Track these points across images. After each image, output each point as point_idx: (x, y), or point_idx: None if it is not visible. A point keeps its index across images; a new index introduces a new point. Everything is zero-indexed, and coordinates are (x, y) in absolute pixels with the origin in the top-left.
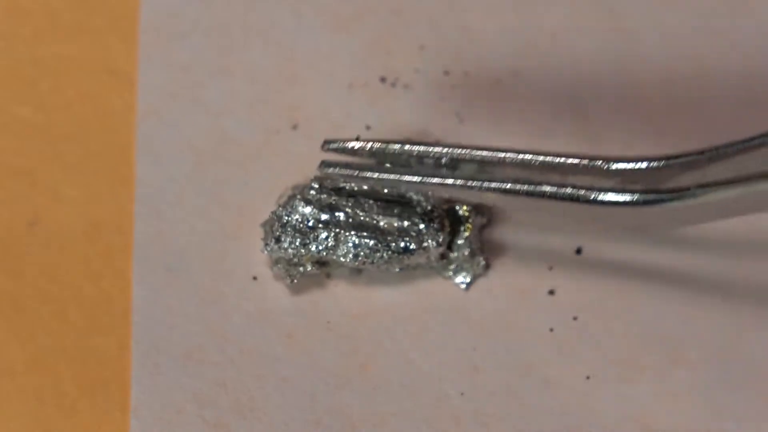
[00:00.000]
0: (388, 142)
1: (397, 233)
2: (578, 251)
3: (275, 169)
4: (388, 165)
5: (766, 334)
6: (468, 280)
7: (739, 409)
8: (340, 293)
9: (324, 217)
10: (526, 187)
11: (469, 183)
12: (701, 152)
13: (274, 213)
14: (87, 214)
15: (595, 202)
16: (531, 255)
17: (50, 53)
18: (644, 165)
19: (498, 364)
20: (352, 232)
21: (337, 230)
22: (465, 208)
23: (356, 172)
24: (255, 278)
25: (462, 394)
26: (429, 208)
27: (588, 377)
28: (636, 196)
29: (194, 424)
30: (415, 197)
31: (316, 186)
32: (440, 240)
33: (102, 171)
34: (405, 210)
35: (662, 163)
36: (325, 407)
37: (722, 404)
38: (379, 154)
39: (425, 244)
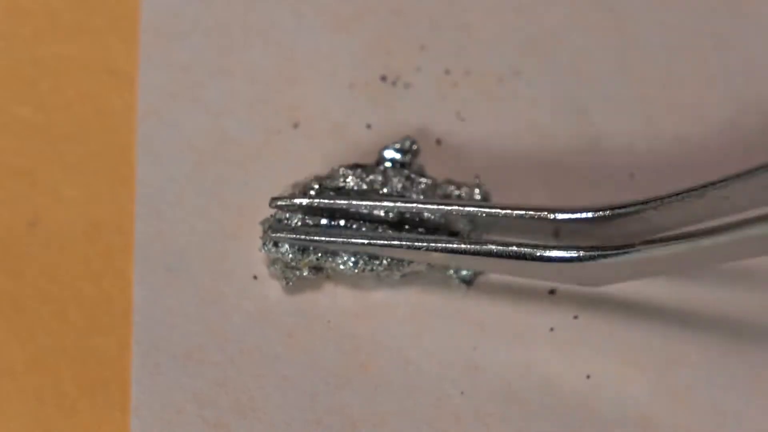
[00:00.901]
0: (333, 199)
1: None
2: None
3: (276, 168)
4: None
5: (766, 335)
6: (469, 279)
7: (740, 410)
8: (340, 293)
9: (323, 221)
10: (471, 246)
11: (416, 244)
12: (645, 202)
13: (273, 214)
14: (87, 214)
15: (541, 258)
16: None
17: (50, 53)
18: (590, 215)
19: (498, 364)
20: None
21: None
22: None
23: (303, 236)
24: (255, 278)
25: (462, 393)
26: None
27: (588, 376)
28: (581, 252)
29: (194, 423)
30: (415, 197)
31: (316, 186)
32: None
33: (102, 171)
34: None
35: (607, 212)
36: (325, 407)
37: (723, 404)
38: (327, 210)
39: None
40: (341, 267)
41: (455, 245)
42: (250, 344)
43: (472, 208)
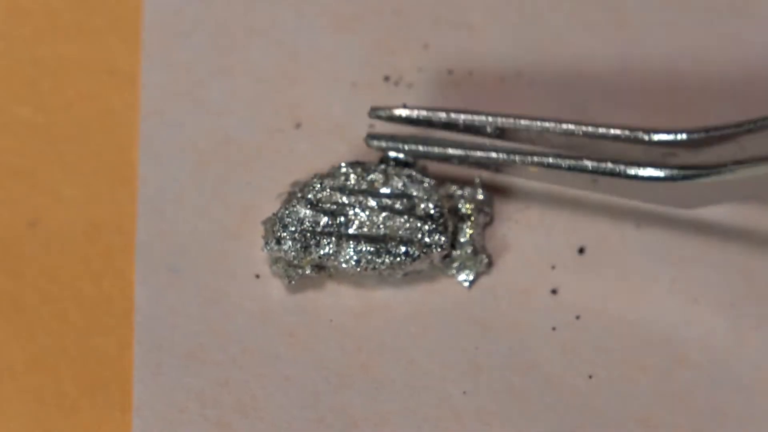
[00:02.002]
0: (434, 110)
1: (399, 239)
2: (581, 251)
3: (278, 168)
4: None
5: (767, 335)
6: (471, 278)
7: (741, 411)
8: (342, 292)
9: (324, 220)
10: (567, 161)
11: (512, 157)
12: (739, 125)
13: (275, 213)
14: (87, 214)
15: (634, 177)
16: (533, 254)
17: (50, 53)
18: (684, 136)
19: (500, 363)
20: (352, 240)
21: (339, 237)
22: (468, 206)
23: (402, 145)
24: (257, 277)
25: (464, 393)
26: (432, 209)
27: (590, 376)
28: (674, 171)
29: (197, 423)
30: (416, 194)
31: (318, 185)
32: (443, 244)
33: (102, 171)
34: (407, 212)
35: (702, 134)
36: (327, 406)
37: (724, 405)
38: (425, 122)
39: (427, 250)
40: (343, 265)
41: (551, 160)
42: (252, 344)
43: (570, 125)
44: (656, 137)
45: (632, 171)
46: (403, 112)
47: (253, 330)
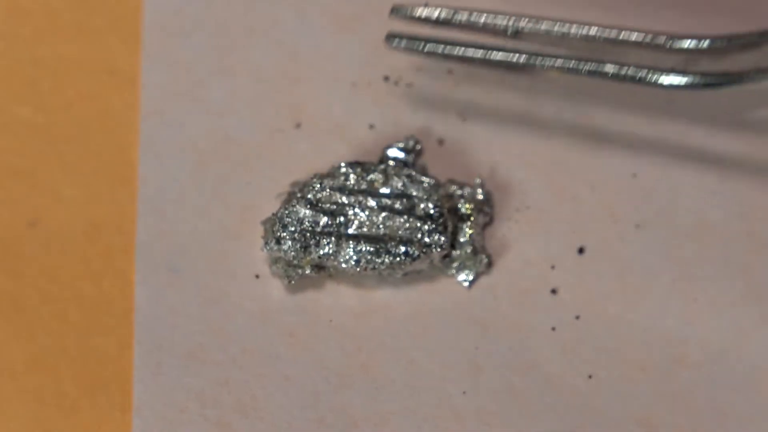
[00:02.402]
0: (455, 9)
1: (398, 239)
2: (581, 251)
3: (278, 168)
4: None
5: (766, 335)
6: (470, 278)
7: (741, 410)
8: (342, 292)
9: (324, 220)
10: (588, 65)
11: (532, 60)
12: (764, 33)
13: (275, 213)
14: (87, 214)
15: (656, 84)
16: (533, 254)
17: (50, 53)
18: (707, 43)
19: (500, 363)
20: (352, 240)
21: (338, 237)
22: (468, 206)
23: (422, 45)
24: (257, 277)
25: (464, 393)
26: (431, 209)
27: (590, 376)
28: (697, 78)
29: (196, 423)
30: (415, 194)
31: (317, 185)
32: (443, 244)
33: (102, 171)
34: (406, 212)
35: (725, 42)
36: (327, 406)
37: (724, 405)
38: (446, 21)
39: (427, 250)
40: (343, 265)
41: (572, 64)
42: (252, 344)
43: (592, 29)
44: (678, 44)
45: (654, 77)
46: (424, 12)
47: (253, 330)
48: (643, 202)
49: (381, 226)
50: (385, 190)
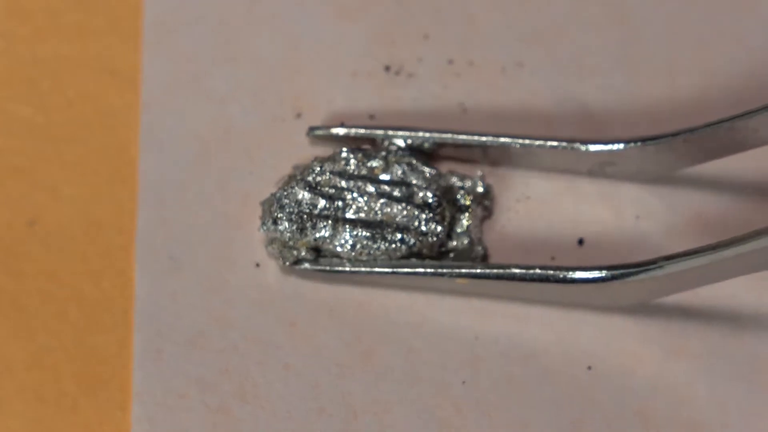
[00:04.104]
0: (370, 128)
1: (395, 226)
2: (580, 242)
3: (279, 157)
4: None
5: (767, 325)
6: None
7: (741, 401)
8: (343, 281)
9: (322, 203)
10: (495, 270)
11: (440, 270)
12: (676, 134)
13: (273, 194)
14: (87, 213)
15: (565, 280)
16: (533, 245)
17: (51, 53)
18: (621, 146)
19: (500, 354)
20: (349, 225)
21: (335, 220)
22: (467, 197)
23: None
24: (258, 265)
25: (463, 383)
26: (430, 198)
27: (589, 367)
28: (604, 272)
29: (197, 410)
30: (415, 182)
31: (317, 168)
32: (439, 234)
33: (102, 170)
34: (405, 200)
35: (638, 144)
36: (327, 395)
37: (724, 396)
38: (363, 140)
39: (423, 239)
40: (338, 249)
41: (479, 270)
42: (253, 332)
43: (506, 139)
44: (593, 148)
45: (562, 275)
46: (340, 131)
47: (254, 318)
48: (643, 192)
49: (379, 212)
50: (385, 177)
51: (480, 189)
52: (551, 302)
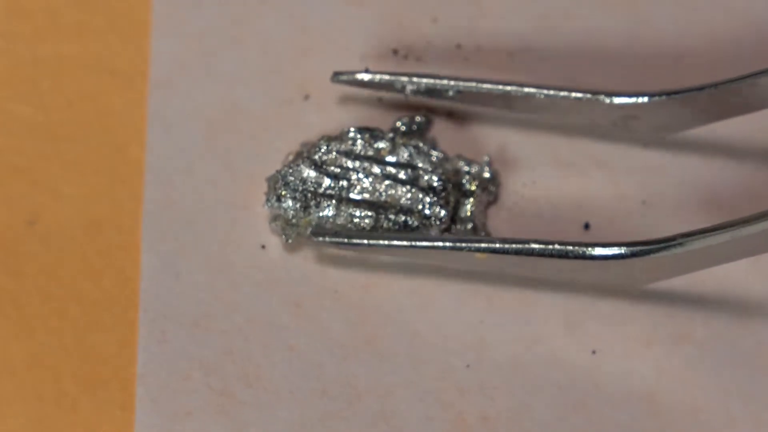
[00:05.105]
0: (396, 74)
1: (399, 208)
2: (586, 226)
3: (286, 139)
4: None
5: None
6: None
7: (745, 388)
8: (348, 262)
9: (327, 182)
10: (514, 245)
11: (458, 244)
12: (701, 88)
13: (279, 171)
14: (87, 212)
15: (584, 256)
16: (539, 229)
17: (51, 53)
18: (646, 99)
19: (504, 338)
20: (353, 205)
21: (339, 200)
22: (473, 182)
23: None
24: (263, 247)
25: (468, 366)
26: (435, 181)
27: (594, 352)
28: (624, 249)
29: (200, 391)
30: (421, 165)
31: (324, 147)
32: (442, 218)
33: (101, 169)
34: (410, 182)
35: (663, 98)
36: (331, 377)
37: (728, 382)
38: (388, 87)
39: (426, 222)
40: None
41: (498, 245)
42: (257, 313)
43: (531, 89)
44: (617, 100)
45: (582, 251)
46: (365, 76)
47: (259, 300)
48: (650, 178)
49: (383, 193)
50: (391, 159)
51: (486, 174)
52: (565, 280)
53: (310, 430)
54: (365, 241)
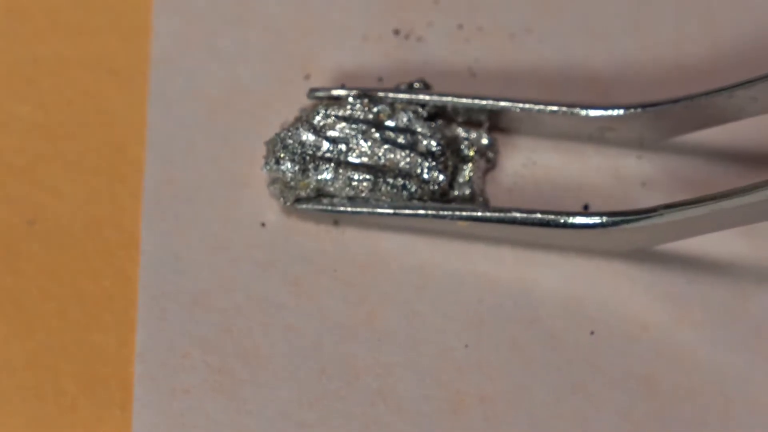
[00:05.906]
0: (370, 90)
1: (398, 171)
2: (585, 208)
3: (287, 118)
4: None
5: None
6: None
7: (743, 370)
8: (347, 241)
9: (326, 145)
10: (497, 214)
11: (440, 213)
12: (676, 100)
13: (278, 134)
14: (87, 211)
15: (564, 225)
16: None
17: (50, 52)
18: (621, 112)
19: (503, 317)
20: (351, 168)
21: (338, 163)
22: (472, 148)
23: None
24: (263, 225)
25: (466, 346)
26: (434, 146)
27: (592, 332)
28: (604, 218)
29: (199, 369)
30: (420, 130)
31: (323, 111)
32: (440, 182)
33: (101, 169)
34: (409, 147)
35: (638, 110)
36: (330, 356)
37: (726, 364)
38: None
39: (425, 186)
40: (339, 192)
41: (480, 213)
42: (257, 292)
43: (506, 103)
44: (593, 113)
45: (562, 220)
46: (341, 92)
47: (258, 278)
48: (648, 160)
49: (382, 157)
50: (390, 123)
51: (485, 141)
52: (552, 247)
53: (308, 409)
54: (348, 209)
